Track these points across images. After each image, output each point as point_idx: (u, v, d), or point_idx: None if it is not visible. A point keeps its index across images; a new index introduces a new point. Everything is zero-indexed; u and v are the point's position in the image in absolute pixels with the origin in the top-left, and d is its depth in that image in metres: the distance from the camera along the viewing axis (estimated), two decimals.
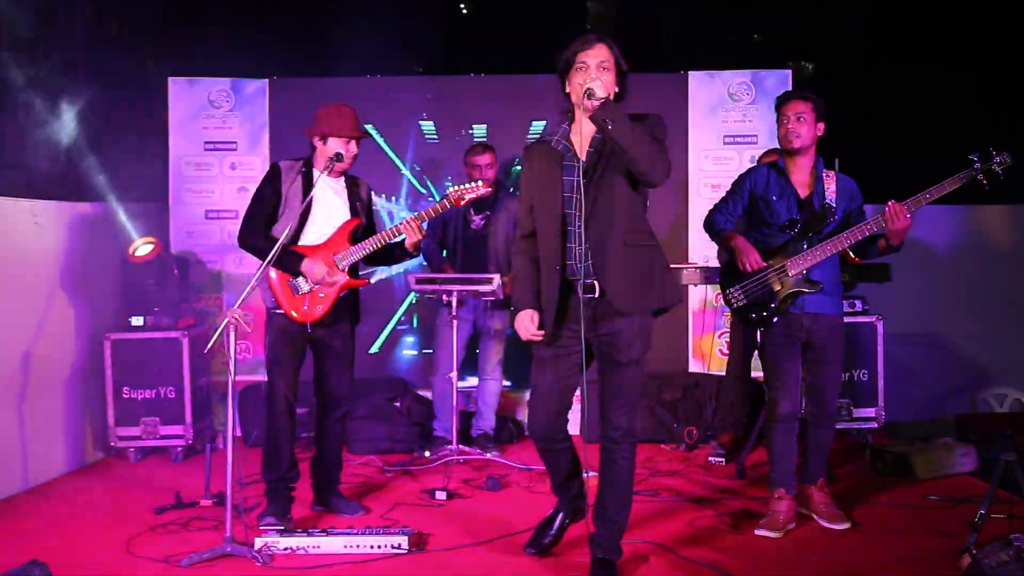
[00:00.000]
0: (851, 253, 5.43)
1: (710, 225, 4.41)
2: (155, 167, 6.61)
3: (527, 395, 4.32)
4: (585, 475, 3.79)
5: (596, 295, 3.46)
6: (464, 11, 8.21)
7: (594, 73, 3.38)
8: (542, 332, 3.56)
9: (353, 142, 4.38)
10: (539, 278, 3.59)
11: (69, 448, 5.58)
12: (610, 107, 3.32)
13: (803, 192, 4.24)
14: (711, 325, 6.48)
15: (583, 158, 3.47)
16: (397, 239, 4.42)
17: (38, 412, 5.26)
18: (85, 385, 5.72)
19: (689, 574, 3.73)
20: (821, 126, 4.22)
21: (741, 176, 4.42)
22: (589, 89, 3.31)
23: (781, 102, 4.26)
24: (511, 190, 6.03)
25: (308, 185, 4.35)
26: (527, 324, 3.59)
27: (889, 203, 4.01)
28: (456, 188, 4.53)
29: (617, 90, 3.47)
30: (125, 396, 5.69)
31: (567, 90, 3.49)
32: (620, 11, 8.09)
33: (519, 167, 5.56)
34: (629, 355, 3.52)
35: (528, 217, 3.63)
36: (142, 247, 5.83)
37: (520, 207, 3.71)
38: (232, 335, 3.91)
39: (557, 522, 3.94)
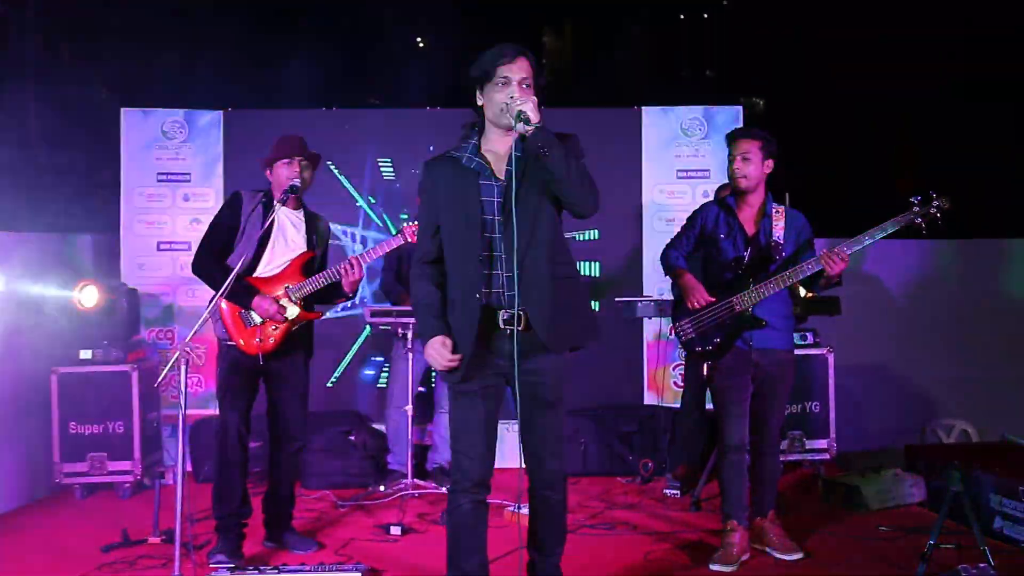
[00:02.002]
0: (802, 288, 5.51)
1: (664, 259, 4.49)
2: (107, 198, 6.53)
3: None
4: (516, 510, 3.64)
5: (520, 327, 3.10)
6: (420, 44, 8.26)
7: (517, 91, 3.11)
8: (458, 357, 3.16)
9: (296, 162, 4.34)
10: (444, 305, 3.23)
11: (11, 485, 5.44)
12: (544, 133, 3.03)
13: (750, 229, 4.30)
14: (666, 358, 6.51)
15: (500, 178, 3.19)
16: (339, 278, 4.38)
17: None
18: (28, 420, 5.59)
19: None
20: (770, 163, 4.27)
21: (694, 212, 4.50)
22: (523, 113, 3.02)
23: (730, 140, 4.33)
24: None
25: (267, 216, 4.32)
26: (439, 350, 3.16)
27: (823, 251, 4.05)
28: (410, 223, 4.56)
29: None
30: (72, 431, 5.57)
31: (479, 103, 3.23)
32: (574, 46, 8.20)
33: None
34: (556, 394, 3.24)
35: (432, 240, 3.26)
36: (85, 297, 5.66)
37: (420, 230, 3.35)
38: (183, 368, 3.85)
39: None
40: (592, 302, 3.44)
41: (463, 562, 3.26)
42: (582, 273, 6.57)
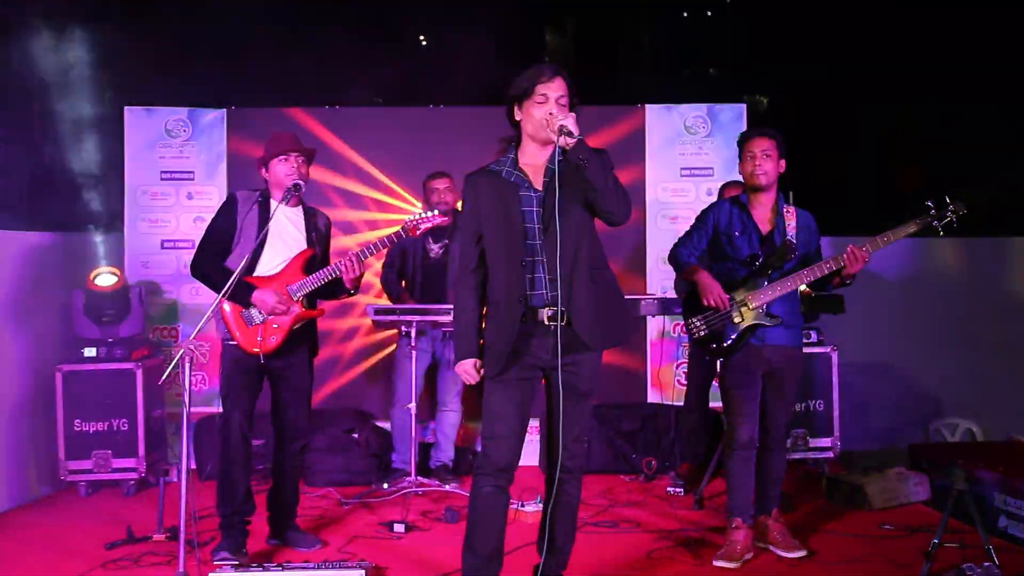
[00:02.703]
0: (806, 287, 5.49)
1: (675, 258, 4.46)
2: (111, 196, 6.53)
3: None
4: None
5: (563, 323, 3.36)
6: (424, 43, 8.25)
7: (555, 108, 3.33)
8: (481, 374, 3.46)
9: (293, 158, 4.34)
10: (481, 316, 3.50)
11: (17, 482, 5.46)
12: (583, 146, 3.25)
13: (765, 228, 4.32)
14: (669, 356, 6.51)
15: (539, 188, 3.42)
16: (340, 274, 4.39)
17: None
18: (33, 418, 5.61)
19: None
20: (783, 163, 4.32)
21: (704, 210, 4.50)
22: (565, 127, 3.24)
23: (746, 138, 4.35)
24: None
25: (265, 215, 4.33)
26: (470, 371, 3.48)
27: (849, 247, 4.13)
28: (412, 218, 4.54)
29: None
30: (76, 429, 5.58)
31: (517, 118, 3.45)
32: (577, 44, 8.19)
33: None
34: (589, 386, 3.49)
35: (475, 249, 3.48)
36: (105, 275, 5.73)
37: (463, 240, 3.57)
38: (187, 366, 3.85)
39: None
40: (627, 304, 3.60)
41: (478, 545, 3.45)
42: None
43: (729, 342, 4.27)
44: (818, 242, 4.39)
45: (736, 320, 4.25)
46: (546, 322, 3.37)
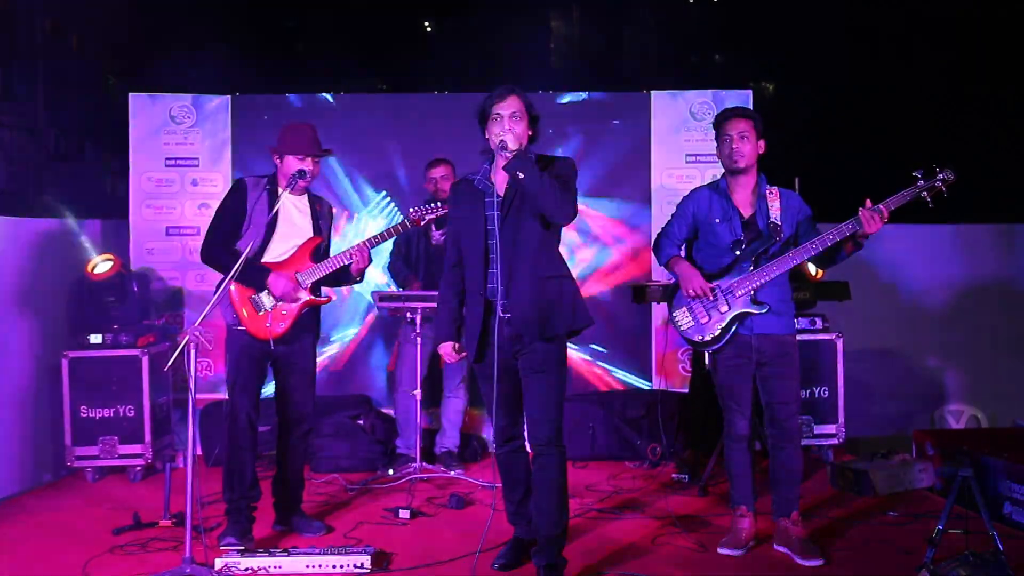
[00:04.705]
0: (811, 268, 5.44)
1: (657, 249, 4.39)
2: (115, 183, 6.54)
3: None
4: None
5: (509, 316, 3.79)
6: (428, 29, 8.24)
7: (507, 124, 3.71)
8: (463, 355, 4.00)
9: (309, 160, 4.37)
10: (460, 307, 3.96)
11: (24, 468, 5.48)
12: (521, 158, 3.66)
13: (746, 212, 4.21)
14: (674, 342, 6.50)
15: (500, 196, 3.81)
16: (350, 262, 4.41)
17: None
18: (40, 404, 5.62)
19: None
20: (762, 143, 4.18)
21: (684, 199, 4.37)
22: (503, 142, 3.67)
23: (721, 120, 4.22)
24: None
25: (272, 202, 4.33)
26: (449, 352, 4.00)
27: (867, 202, 3.95)
28: (416, 208, 4.62)
29: (531, 133, 3.81)
30: (83, 415, 5.59)
31: (486, 135, 3.82)
32: (582, 30, 8.17)
33: None
34: (545, 365, 3.80)
35: (455, 248, 3.95)
36: (101, 264, 5.75)
37: (448, 240, 4.03)
38: (193, 353, 3.87)
39: (522, 546, 4.09)
40: (577, 298, 3.92)
41: (509, 495, 4.12)
42: (592, 258, 6.60)
43: (715, 333, 4.18)
44: (810, 220, 4.21)
45: (722, 310, 4.15)
46: (501, 314, 3.79)
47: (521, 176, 3.64)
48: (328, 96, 6.65)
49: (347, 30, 7.09)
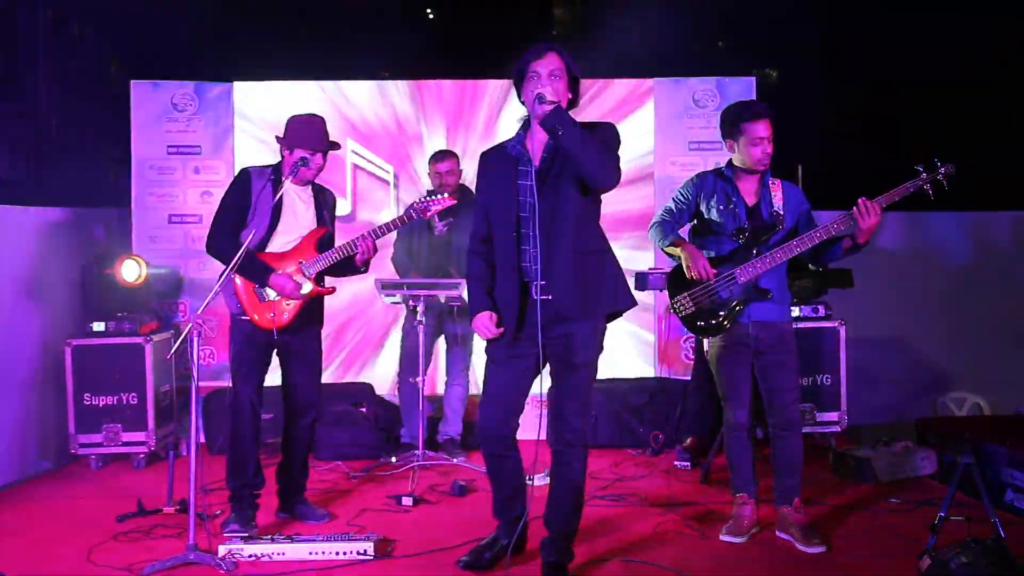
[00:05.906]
0: (810, 265, 5.42)
1: (658, 231, 4.29)
2: (117, 171, 6.53)
3: None
4: (528, 482, 3.79)
5: (548, 298, 3.50)
6: (431, 16, 8.21)
7: (545, 81, 3.44)
8: (501, 330, 3.61)
9: (319, 154, 4.36)
10: (493, 280, 3.66)
11: (28, 455, 5.50)
12: (559, 113, 3.39)
13: (751, 200, 4.20)
14: (677, 330, 6.51)
15: (536, 164, 3.52)
16: (355, 252, 4.40)
17: None
18: (43, 391, 5.64)
19: None
20: None
21: (687, 183, 4.34)
22: (540, 94, 3.40)
23: (750, 119, 4.12)
24: None
25: (276, 192, 4.32)
26: (487, 324, 3.62)
27: (860, 199, 3.93)
28: (421, 199, 4.61)
29: (570, 96, 3.54)
30: (86, 403, 5.61)
31: (522, 99, 3.55)
32: (585, 17, 8.13)
33: None
34: (582, 357, 3.57)
35: (484, 221, 3.68)
36: (128, 271, 5.71)
37: (476, 212, 3.75)
38: (196, 340, 3.87)
39: (497, 546, 3.84)
40: (620, 276, 3.70)
41: (497, 493, 3.83)
42: None
43: (717, 320, 4.15)
44: (808, 212, 4.22)
45: (724, 297, 4.13)
46: (534, 296, 3.50)
47: (560, 132, 3.36)
48: (332, 83, 6.63)
49: (349, 17, 7.06)
